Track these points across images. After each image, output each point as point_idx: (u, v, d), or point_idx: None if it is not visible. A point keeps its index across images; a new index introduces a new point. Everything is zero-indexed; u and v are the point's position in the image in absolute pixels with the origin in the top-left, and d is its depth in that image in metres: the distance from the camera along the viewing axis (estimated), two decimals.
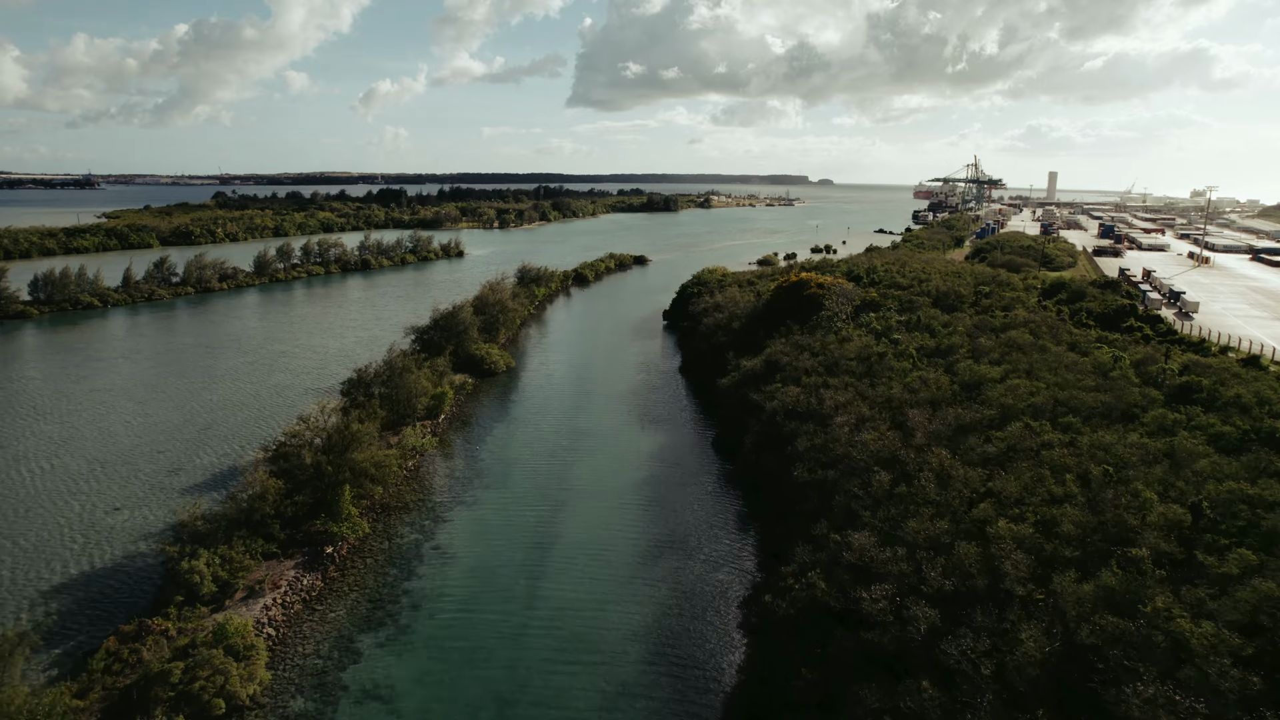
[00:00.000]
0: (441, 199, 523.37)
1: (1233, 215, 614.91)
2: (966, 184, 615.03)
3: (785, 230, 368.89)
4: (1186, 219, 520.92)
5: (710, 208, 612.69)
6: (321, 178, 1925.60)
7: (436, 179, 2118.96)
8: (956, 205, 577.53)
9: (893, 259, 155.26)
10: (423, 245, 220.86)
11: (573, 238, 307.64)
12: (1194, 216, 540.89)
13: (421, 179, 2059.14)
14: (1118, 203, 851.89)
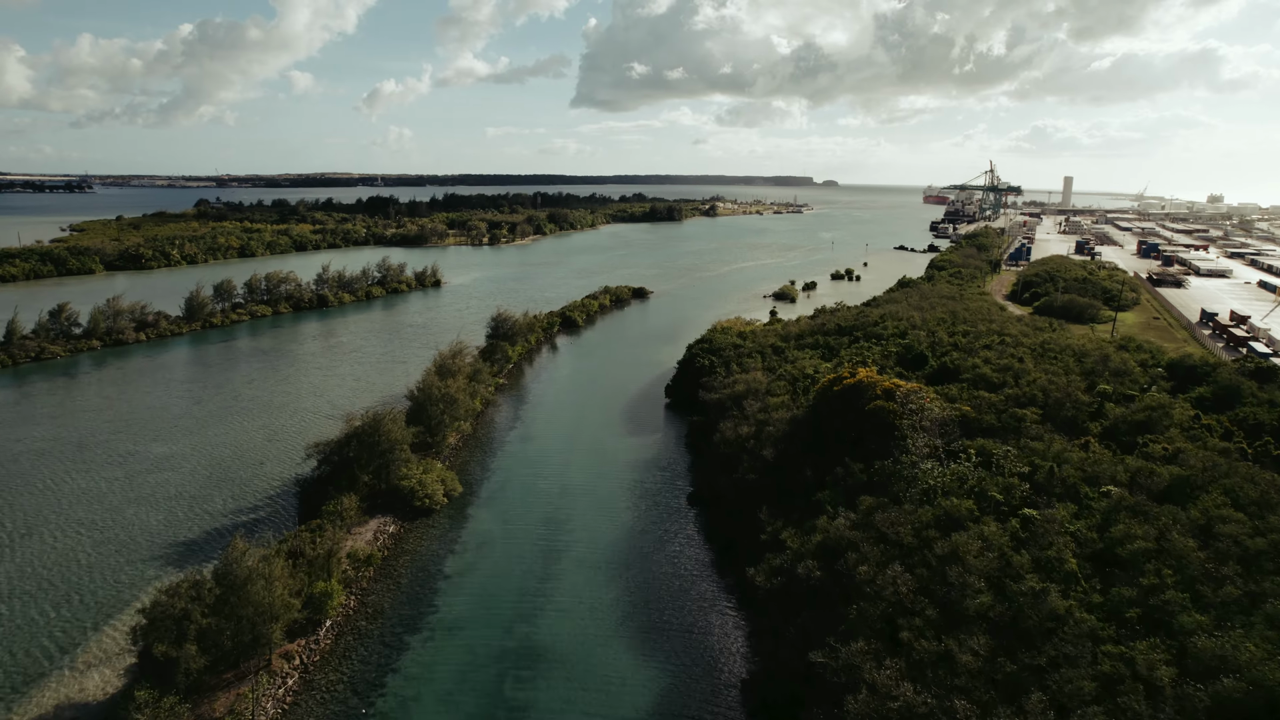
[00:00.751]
0: (433, 208, 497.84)
1: (1262, 223, 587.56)
2: (984, 192, 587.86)
3: (798, 245, 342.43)
4: (1222, 230, 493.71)
5: (716, 215, 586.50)
6: (321, 179, 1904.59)
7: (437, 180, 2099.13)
8: (974, 214, 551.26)
9: (942, 308, 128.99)
10: (393, 276, 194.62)
11: (568, 258, 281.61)
12: (1228, 228, 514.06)
13: (423, 180, 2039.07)
14: (1136, 208, 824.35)
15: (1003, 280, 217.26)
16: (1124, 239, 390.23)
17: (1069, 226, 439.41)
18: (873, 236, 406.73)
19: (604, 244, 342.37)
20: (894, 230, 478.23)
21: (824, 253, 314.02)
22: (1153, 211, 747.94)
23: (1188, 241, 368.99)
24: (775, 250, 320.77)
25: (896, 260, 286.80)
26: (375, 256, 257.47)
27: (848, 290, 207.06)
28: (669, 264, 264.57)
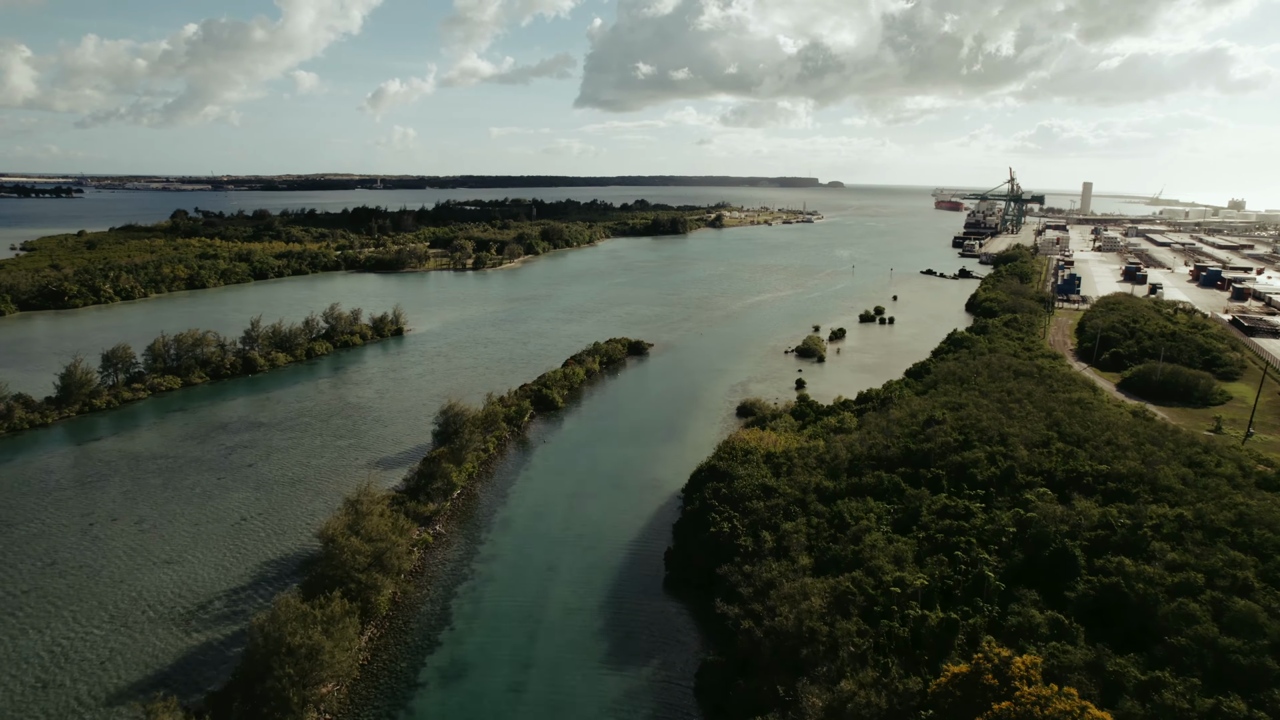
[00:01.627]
0: (421, 220, 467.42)
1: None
2: (1006, 202, 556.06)
3: (815, 269, 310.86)
4: (1269, 246, 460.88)
5: (722, 226, 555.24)
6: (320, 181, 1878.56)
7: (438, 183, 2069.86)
8: (995, 226, 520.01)
9: (1033, 404, 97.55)
10: (343, 326, 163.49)
11: (559, 288, 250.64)
12: (1273, 242, 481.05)
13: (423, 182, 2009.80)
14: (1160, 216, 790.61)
15: (1061, 327, 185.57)
16: (1169, 258, 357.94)
17: (1104, 243, 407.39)
18: (893, 255, 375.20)
19: (601, 266, 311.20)
20: (913, 243, 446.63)
21: (844, 279, 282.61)
22: (1180, 220, 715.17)
23: (1240, 262, 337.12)
24: (791, 276, 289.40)
25: (926, 290, 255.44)
26: (344, 286, 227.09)
27: (881, 339, 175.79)
28: (672, 296, 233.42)
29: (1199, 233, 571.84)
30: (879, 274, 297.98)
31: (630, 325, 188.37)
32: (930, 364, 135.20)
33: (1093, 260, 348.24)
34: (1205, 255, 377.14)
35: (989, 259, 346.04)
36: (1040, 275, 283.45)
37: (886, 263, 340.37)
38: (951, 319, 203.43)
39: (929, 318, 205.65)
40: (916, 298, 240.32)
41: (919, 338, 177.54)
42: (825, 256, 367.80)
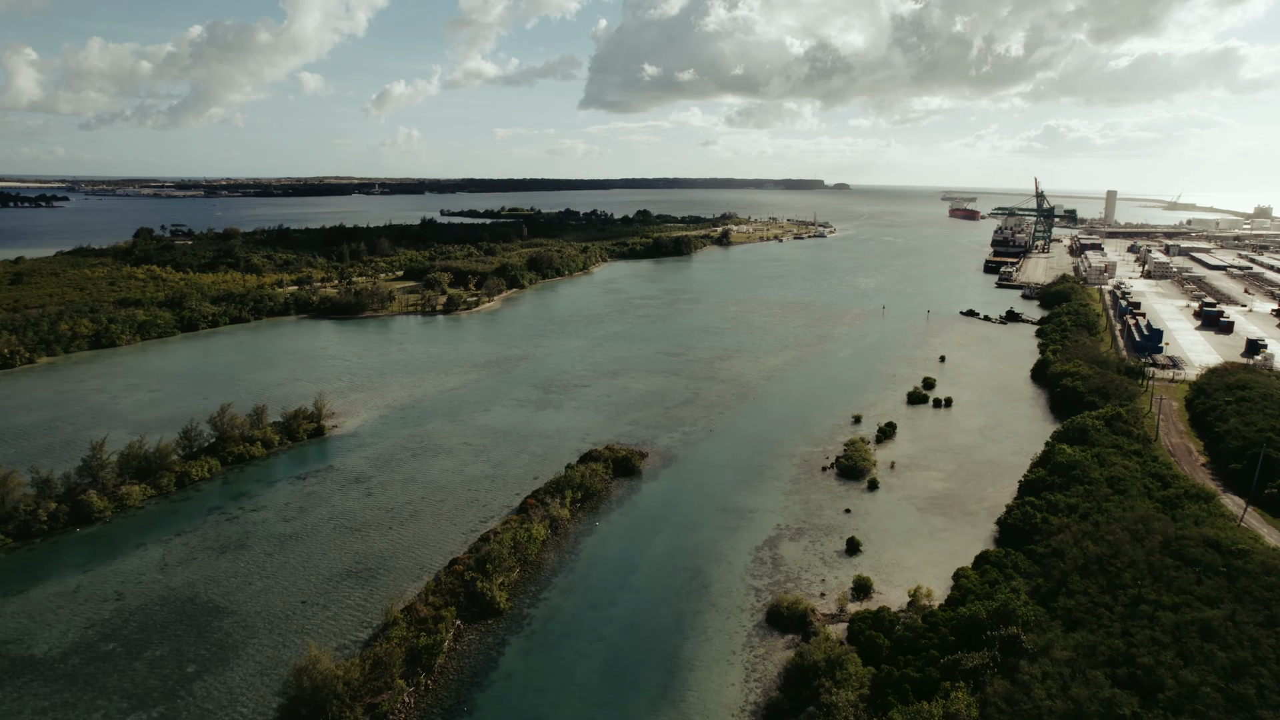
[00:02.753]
0: (402, 239, 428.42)
1: None
2: (1035, 216, 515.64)
3: (840, 310, 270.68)
4: None
5: (729, 244, 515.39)
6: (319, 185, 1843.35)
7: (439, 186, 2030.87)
8: (1026, 244, 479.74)
9: (1239, 646, 58.78)
10: (236, 433, 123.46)
11: (538, 345, 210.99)
12: None
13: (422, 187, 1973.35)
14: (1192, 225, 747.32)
15: (1167, 414, 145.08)
16: (1232, 288, 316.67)
17: (1153, 268, 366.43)
18: (922, 284, 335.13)
19: (593, 306, 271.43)
20: (938, 264, 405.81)
21: (875, 324, 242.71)
22: (1213, 232, 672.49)
23: None
24: (813, 320, 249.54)
25: (975, 343, 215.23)
26: (286, 343, 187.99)
27: (942, 436, 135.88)
28: (675, 358, 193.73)
29: (1244, 248, 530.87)
30: (913, 316, 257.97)
31: (621, 412, 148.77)
32: (1037, 513, 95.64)
33: (1149, 293, 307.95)
34: (1270, 283, 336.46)
35: (1033, 293, 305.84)
36: (1101, 318, 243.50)
37: (916, 296, 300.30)
38: (1020, 395, 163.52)
39: (992, 393, 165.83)
40: (967, 357, 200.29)
41: (991, 435, 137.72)
42: (848, 288, 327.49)
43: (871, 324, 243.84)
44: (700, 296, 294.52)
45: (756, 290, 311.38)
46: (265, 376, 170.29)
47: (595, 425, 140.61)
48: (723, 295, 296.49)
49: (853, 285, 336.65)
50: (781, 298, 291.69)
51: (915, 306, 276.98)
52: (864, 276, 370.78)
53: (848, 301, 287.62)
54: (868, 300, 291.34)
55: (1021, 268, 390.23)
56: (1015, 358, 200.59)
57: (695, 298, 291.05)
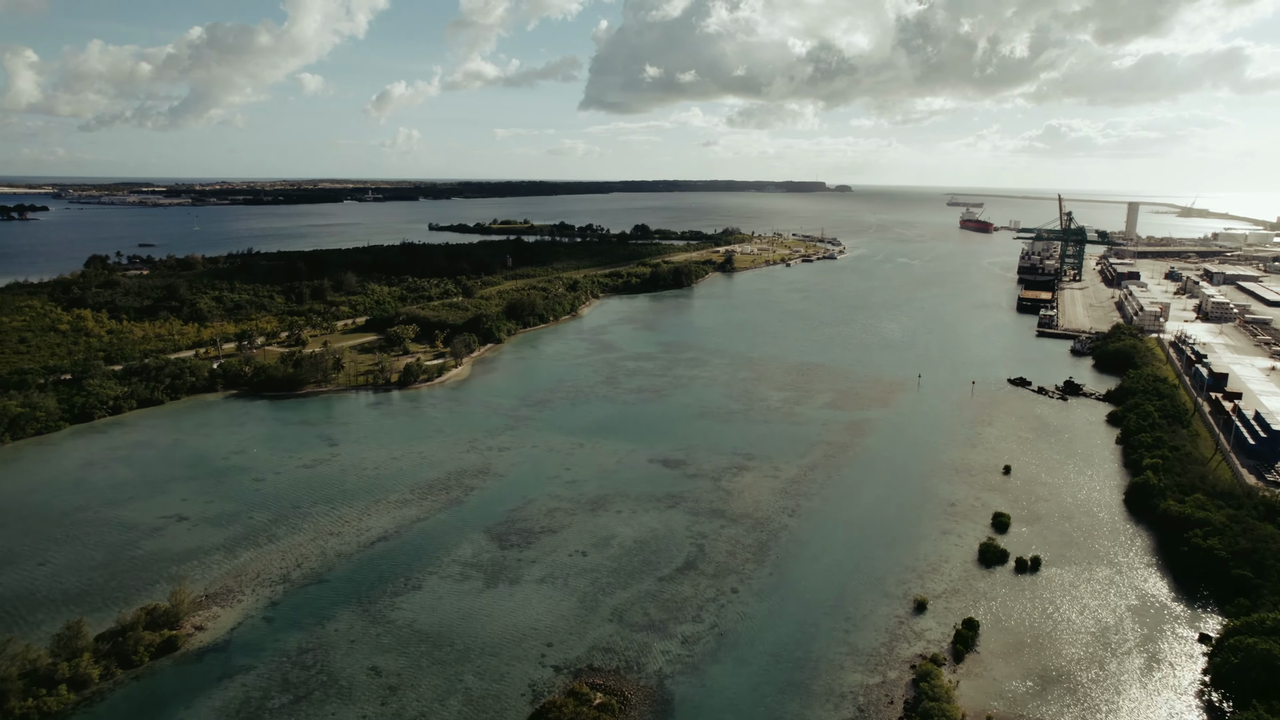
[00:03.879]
0: (374, 271, 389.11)
1: None
2: (1063, 241, 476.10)
3: (867, 377, 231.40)
4: None
5: (733, 270, 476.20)
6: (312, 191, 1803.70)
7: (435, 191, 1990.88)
8: (1054, 271, 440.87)
9: None
10: (10, 675, 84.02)
11: (510, 440, 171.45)
12: None
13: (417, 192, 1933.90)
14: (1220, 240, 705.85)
15: None
16: None
17: (1211, 309, 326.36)
18: (951, 326, 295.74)
19: (577, 374, 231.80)
20: (965, 296, 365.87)
21: (913, 404, 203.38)
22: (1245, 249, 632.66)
23: None
24: (839, 401, 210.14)
25: (1036, 432, 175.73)
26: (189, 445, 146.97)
27: (1036, 632, 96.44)
28: (674, 470, 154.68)
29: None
30: (954, 387, 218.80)
31: (601, 590, 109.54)
32: None
33: (1217, 345, 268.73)
34: None
35: (1084, 347, 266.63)
36: (1180, 389, 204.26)
37: (951, 349, 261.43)
38: (1120, 540, 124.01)
39: (1084, 535, 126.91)
40: (1033, 462, 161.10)
41: (1116, 638, 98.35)
42: (872, 337, 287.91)
43: (908, 403, 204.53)
44: (703, 355, 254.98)
45: (767, 344, 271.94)
46: (137, 516, 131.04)
47: (563, 623, 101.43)
48: (729, 353, 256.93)
49: (877, 332, 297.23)
50: (798, 357, 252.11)
51: (954, 370, 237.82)
52: (887, 317, 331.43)
53: (875, 361, 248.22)
54: (899, 358, 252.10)
55: (1059, 306, 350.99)
56: (1093, 460, 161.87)
57: (697, 357, 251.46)
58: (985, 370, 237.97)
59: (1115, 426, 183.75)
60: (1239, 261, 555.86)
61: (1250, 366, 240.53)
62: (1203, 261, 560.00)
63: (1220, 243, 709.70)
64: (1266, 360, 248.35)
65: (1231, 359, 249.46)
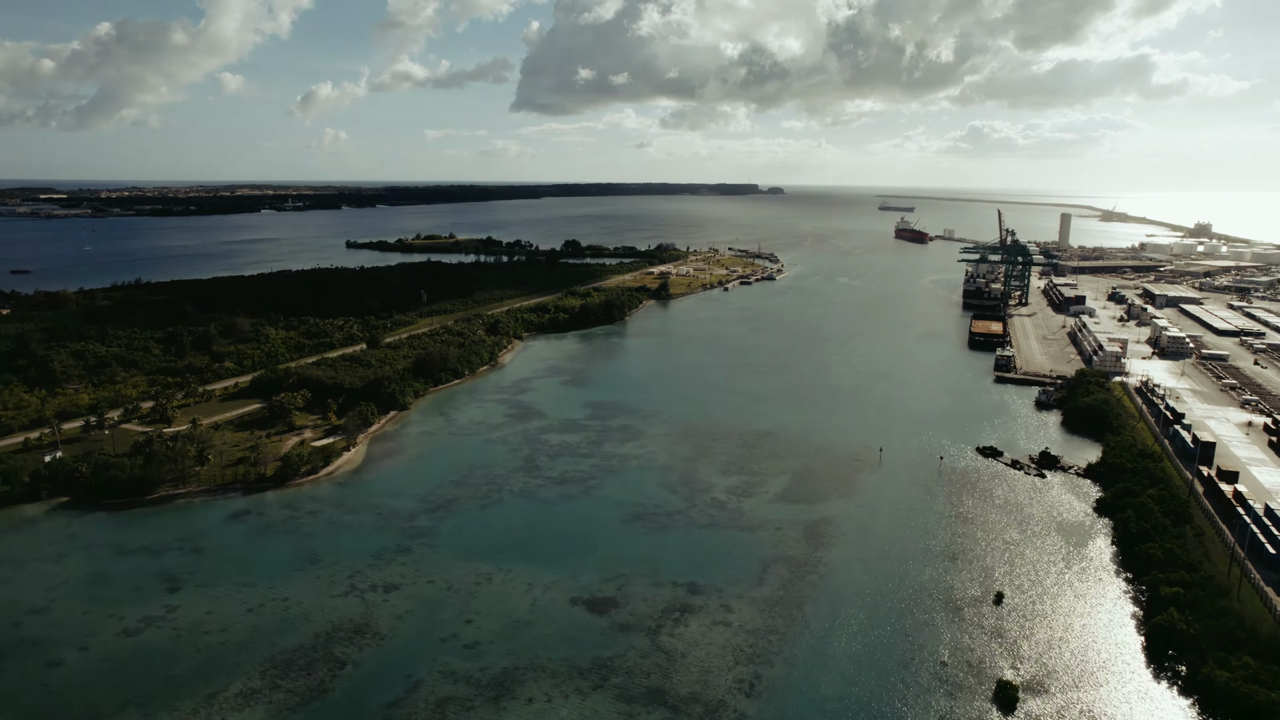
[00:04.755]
0: (281, 300, 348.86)
1: None
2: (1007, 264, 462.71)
3: (823, 450, 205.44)
4: None
5: (669, 297, 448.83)
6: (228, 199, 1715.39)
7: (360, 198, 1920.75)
8: (999, 295, 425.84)
9: None
10: None
11: (392, 576, 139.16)
12: None
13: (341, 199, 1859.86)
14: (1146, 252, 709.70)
15: None
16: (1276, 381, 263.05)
17: (1167, 343, 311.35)
18: (905, 364, 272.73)
19: (490, 456, 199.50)
20: (914, 327, 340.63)
21: (876, 489, 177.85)
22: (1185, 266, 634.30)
23: None
24: (792, 488, 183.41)
25: (1020, 528, 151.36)
26: (16, 566, 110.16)
27: None
28: (600, 616, 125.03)
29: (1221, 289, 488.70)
30: (919, 462, 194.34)
31: None
32: None
33: (1184, 391, 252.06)
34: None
35: (1049, 397, 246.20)
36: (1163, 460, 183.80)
37: (905, 396, 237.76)
38: (1147, 703, 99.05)
39: (1114, 708, 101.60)
40: (1030, 592, 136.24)
41: None
42: (823, 387, 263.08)
43: (872, 487, 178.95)
44: (638, 421, 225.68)
45: (708, 402, 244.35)
46: None
47: None
48: (666, 417, 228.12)
49: (828, 380, 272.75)
50: (743, 421, 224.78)
51: (914, 432, 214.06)
52: (837, 357, 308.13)
53: (830, 424, 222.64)
54: (854, 419, 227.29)
55: (1013, 339, 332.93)
56: (1093, 572, 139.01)
57: (631, 425, 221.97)
58: (948, 432, 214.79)
59: (1107, 517, 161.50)
60: (1173, 277, 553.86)
61: (1225, 421, 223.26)
62: (1140, 278, 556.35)
63: (1149, 254, 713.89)
64: (1239, 412, 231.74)
65: (1204, 411, 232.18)
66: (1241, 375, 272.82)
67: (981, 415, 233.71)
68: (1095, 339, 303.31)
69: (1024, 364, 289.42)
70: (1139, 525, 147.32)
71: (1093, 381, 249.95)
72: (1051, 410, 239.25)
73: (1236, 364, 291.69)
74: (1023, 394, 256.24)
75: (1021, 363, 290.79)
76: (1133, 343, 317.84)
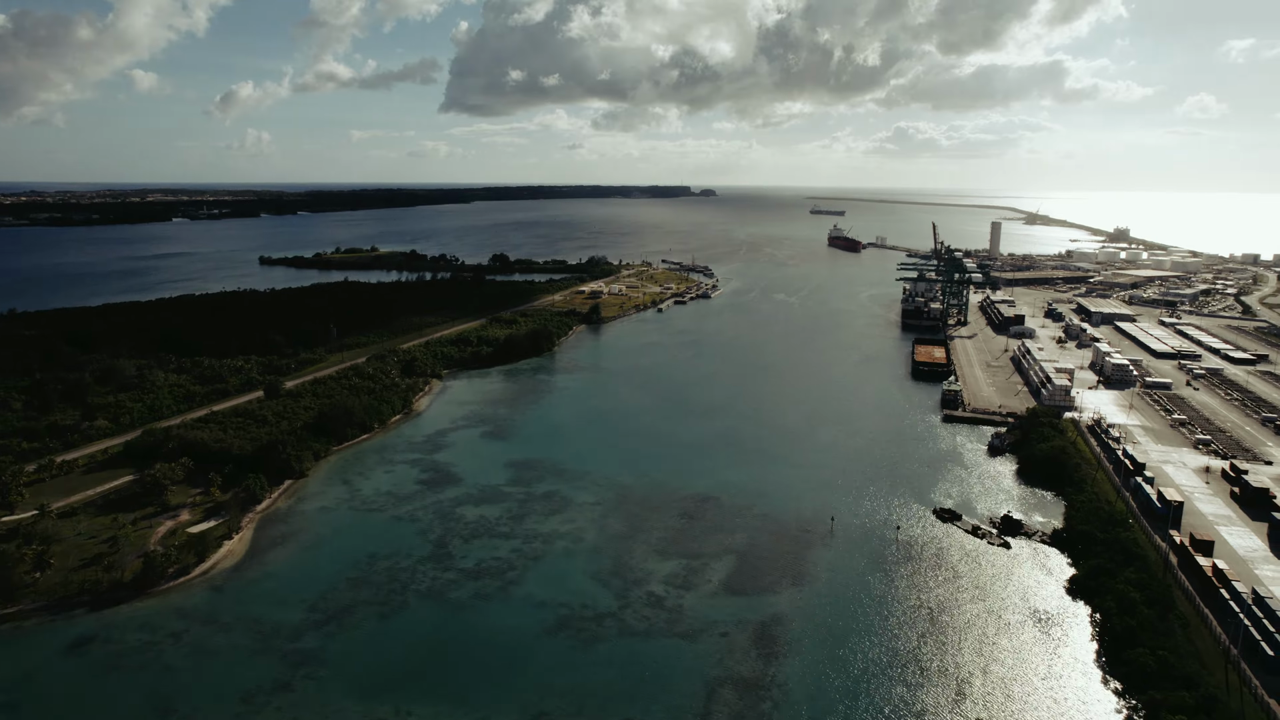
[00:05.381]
0: (165, 332, 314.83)
1: None
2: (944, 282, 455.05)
3: (769, 516, 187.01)
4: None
5: (601, 321, 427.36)
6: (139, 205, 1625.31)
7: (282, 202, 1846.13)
8: (939, 315, 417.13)
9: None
10: None
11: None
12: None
13: (261, 204, 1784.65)
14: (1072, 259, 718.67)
15: None
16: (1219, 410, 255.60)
17: (1113, 372, 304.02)
18: (846, 400, 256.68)
19: (397, 540, 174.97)
20: (853, 351, 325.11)
21: (825, 556, 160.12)
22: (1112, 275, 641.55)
23: None
24: (737, 575, 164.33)
25: (990, 620, 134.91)
26: None
27: None
28: None
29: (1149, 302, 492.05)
30: (872, 528, 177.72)
31: None
32: None
33: (1135, 429, 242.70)
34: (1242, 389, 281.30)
35: (1002, 442, 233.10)
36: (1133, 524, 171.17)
37: (852, 442, 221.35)
38: None
39: None
40: (1009, 702, 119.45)
41: None
42: (766, 432, 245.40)
43: (824, 567, 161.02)
44: (565, 485, 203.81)
45: (646, 458, 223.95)
46: None
47: None
48: (597, 480, 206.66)
49: (771, 423, 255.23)
50: (683, 483, 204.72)
51: (865, 488, 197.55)
52: (779, 391, 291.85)
53: (777, 484, 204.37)
54: (802, 476, 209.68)
55: (957, 367, 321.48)
56: (1080, 684, 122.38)
57: (557, 492, 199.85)
58: (901, 487, 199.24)
59: (1083, 601, 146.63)
60: (1104, 290, 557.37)
61: (1183, 466, 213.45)
62: (1071, 290, 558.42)
63: (1076, 263, 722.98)
64: (1194, 454, 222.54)
65: (1159, 454, 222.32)
66: (1188, 407, 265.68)
67: (933, 463, 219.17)
68: (1041, 369, 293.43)
69: (971, 398, 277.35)
70: (1123, 621, 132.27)
71: (1045, 422, 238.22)
72: (1005, 455, 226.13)
73: (1180, 393, 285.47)
74: (973, 436, 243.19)
75: (969, 397, 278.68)
76: (1077, 369, 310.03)
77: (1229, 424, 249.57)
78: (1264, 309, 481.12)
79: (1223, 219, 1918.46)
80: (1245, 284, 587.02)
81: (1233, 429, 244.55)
